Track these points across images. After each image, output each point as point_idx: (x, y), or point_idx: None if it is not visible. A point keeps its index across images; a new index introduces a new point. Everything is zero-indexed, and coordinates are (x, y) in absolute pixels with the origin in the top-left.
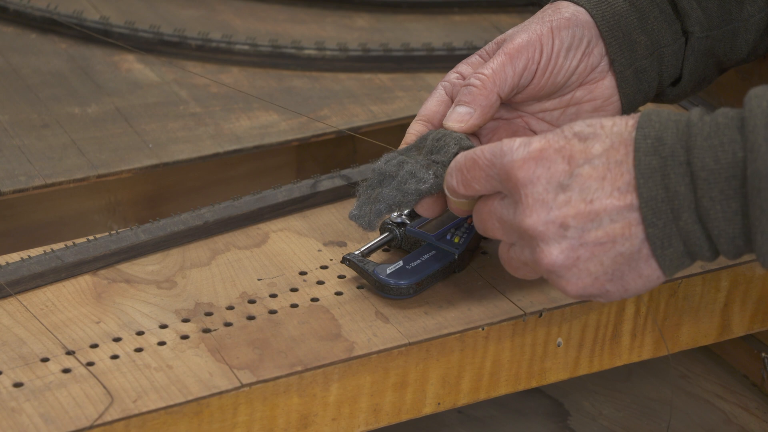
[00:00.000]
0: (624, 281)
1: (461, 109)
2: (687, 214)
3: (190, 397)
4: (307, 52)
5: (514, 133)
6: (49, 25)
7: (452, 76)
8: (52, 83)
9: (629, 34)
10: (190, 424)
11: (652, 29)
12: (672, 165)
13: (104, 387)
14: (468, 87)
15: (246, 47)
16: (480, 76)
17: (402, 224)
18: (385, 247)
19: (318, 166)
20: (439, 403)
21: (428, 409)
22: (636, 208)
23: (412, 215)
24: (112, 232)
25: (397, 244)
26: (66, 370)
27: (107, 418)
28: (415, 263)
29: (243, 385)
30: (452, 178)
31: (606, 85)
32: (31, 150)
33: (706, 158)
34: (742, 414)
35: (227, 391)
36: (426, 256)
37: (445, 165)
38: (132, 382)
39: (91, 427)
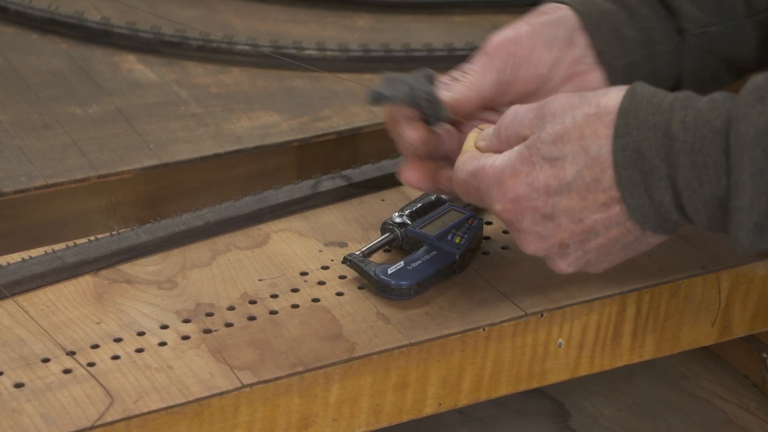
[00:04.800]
0: (636, 250)
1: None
2: (675, 215)
3: (190, 398)
4: (307, 52)
5: None
6: (49, 25)
7: None
8: (53, 83)
9: (618, 30)
10: (191, 425)
11: (643, 27)
12: (653, 179)
13: (104, 387)
14: (454, 78)
15: (247, 47)
16: (464, 71)
17: (403, 225)
18: (386, 247)
19: (319, 167)
20: (439, 404)
21: (429, 410)
22: (626, 215)
23: (413, 216)
24: (113, 233)
25: (398, 244)
26: (67, 371)
27: (108, 418)
28: (416, 264)
29: (244, 386)
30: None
31: (594, 78)
32: (32, 150)
33: (690, 179)
34: (742, 414)
35: (228, 392)
36: (427, 257)
37: (429, 92)
38: (133, 383)
39: (92, 427)
